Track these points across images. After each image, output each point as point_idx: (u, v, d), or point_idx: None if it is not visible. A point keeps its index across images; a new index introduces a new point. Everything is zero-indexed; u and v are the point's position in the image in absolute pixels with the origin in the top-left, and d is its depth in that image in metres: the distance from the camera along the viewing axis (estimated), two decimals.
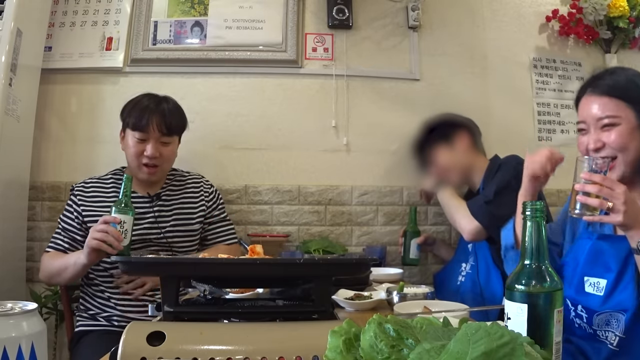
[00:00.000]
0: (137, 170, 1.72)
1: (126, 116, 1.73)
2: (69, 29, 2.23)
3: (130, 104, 1.75)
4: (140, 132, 1.69)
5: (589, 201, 1.10)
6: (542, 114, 2.38)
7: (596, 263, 1.21)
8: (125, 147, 1.75)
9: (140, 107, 1.71)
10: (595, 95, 1.24)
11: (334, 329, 0.61)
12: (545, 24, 2.43)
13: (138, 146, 1.70)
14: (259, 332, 0.79)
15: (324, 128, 2.26)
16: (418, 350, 0.54)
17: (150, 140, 1.70)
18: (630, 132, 1.19)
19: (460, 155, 1.94)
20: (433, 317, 0.66)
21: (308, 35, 2.30)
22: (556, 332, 0.73)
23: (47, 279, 1.72)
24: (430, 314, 1.15)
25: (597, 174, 1.11)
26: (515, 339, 0.54)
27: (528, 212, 0.78)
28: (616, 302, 1.15)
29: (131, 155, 1.71)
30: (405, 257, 2.09)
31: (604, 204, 1.09)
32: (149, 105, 1.71)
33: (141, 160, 1.70)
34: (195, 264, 0.96)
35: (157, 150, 1.70)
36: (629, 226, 1.09)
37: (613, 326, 1.15)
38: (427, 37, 2.35)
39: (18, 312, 0.66)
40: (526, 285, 0.75)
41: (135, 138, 1.70)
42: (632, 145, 1.19)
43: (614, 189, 1.08)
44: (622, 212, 1.07)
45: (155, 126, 1.69)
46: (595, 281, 1.19)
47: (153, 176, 1.74)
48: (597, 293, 1.19)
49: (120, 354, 0.73)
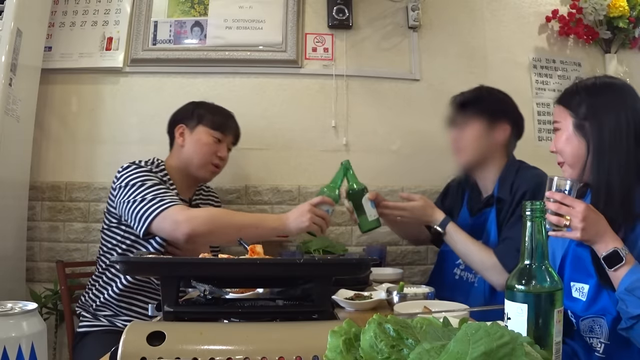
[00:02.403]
0: (201, 168, 1.78)
1: (204, 113, 1.79)
2: (69, 28, 2.23)
3: (206, 104, 1.84)
4: (222, 134, 1.79)
5: (550, 218, 1.15)
6: (541, 114, 2.38)
7: (579, 268, 1.23)
8: (193, 142, 1.77)
9: (222, 111, 1.84)
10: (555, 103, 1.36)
11: (334, 329, 0.61)
12: (545, 24, 2.44)
13: (214, 145, 1.78)
14: (259, 332, 0.79)
15: (324, 128, 2.26)
16: (418, 350, 0.54)
17: (224, 143, 1.81)
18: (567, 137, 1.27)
19: (491, 143, 1.73)
20: (433, 317, 0.66)
21: (308, 35, 2.30)
22: (556, 332, 0.73)
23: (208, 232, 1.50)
24: (430, 314, 1.14)
25: (558, 193, 1.17)
26: (515, 339, 0.54)
27: (528, 213, 0.78)
28: (599, 307, 1.17)
29: (204, 152, 1.76)
30: (363, 223, 1.70)
31: (561, 220, 1.14)
32: (230, 114, 1.87)
33: (212, 160, 1.78)
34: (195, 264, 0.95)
35: (226, 154, 1.83)
36: (590, 241, 1.13)
37: (597, 332, 1.17)
38: (427, 37, 2.35)
39: (18, 312, 0.66)
40: (526, 285, 0.75)
41: (213, 137, 1.77)
42: (567, 149, 1.27)
43: (573, 206, 1.13)
44: (579, 229, 1.11)
45: (233, 132, 1.84)
46: (580, 286, 1.22)
47: (213, 176, 1.84)
48: (581, 298, 1.21)
49: (120, 354, 0.73)
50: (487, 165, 1.76)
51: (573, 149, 1.26)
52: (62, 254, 2.10)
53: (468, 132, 1.75)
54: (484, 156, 1.75)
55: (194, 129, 1.77)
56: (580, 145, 1.25)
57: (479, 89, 1.83)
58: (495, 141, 1.74)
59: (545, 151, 2.22)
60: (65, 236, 2.12)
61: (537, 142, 2.34)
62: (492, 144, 1.74)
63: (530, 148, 1.93)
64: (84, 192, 2.13)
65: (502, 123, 1.74)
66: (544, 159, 1.83)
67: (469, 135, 1.75)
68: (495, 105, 1.77)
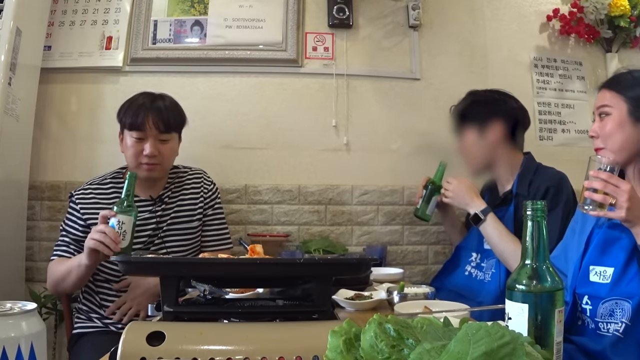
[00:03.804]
0: (137, 170, 1.67)
1: (122, 116, 1.69)
2: (68, 28, 2.22)
3: (126, 104, 1.71)
4: (137, 131, 1.64)
5: (594, 197, 1.16)
6: (542, 114, 2.37)
7: (604, 252, 1.24)
8: (124, 149, 1.70)
9: (135, 105, 1.67)
10: (602, 88, 1.33)
11: (334, 329, 0.61)
12: (546, 23, 2.43)
13: (136, 146, 1.65)
14: (259, 332, 0.79)
15: (324, 127, 2.26)
16: (418, 350, 0.54)
17: (148, 139, 1.65)
18: (618, 122, 1.26)
19: (487, 144, 1.79)
20: (434, 317, 0.67)
21: (308, 35, 2.29)
22: (557, 332, 0.73)
23: (53, 287, 1.65)
24: (431, 314, 1.15)
25: (604, 172, 1.17)
26: (516, 339, 0.54)
27: (529, 212, 0.78)
28: (623, 289, 1.17)
29: (130, 155, 1.66)
30: (420, 210, 1.94)
31: (607, 199, 1.15)
32: (144, 103, 1.67)
33: (140, 160, 1.65)
34: (195, 264, 0.96)
35: (155, 148, 1.65)
36: (632, 222, 1.14)
37: (617, 316, 1.17)
38: (428, 37, 2.34)
39: (17, 312, 0.66)
40: (527, 285, 0.75)
41: (133, 138, 1.65)
42: (617, 135, 1.26)
43: (619, 186, 1.14)
44: (624, 209, 1.12)
45: (152, 124, 1.64)
46: (601, 270, 1.23)
47: (153, 172, 1.68)
48: (603, 281, 1.21)
49: (120, 354, 0.73)
50: (498, 163, 1.82)
51: (625, 135, 1.25)
52: None
53: (465, 141, 1.85)
54: (487, 158, 1.81)
55: (122, 134, 1.71)
56: (634, 132, 1.25)
57: (467, 96, 1.90)
58: (491, 141, 1.79)
59: (546, 150, 2.26)
60: None
61: (538, 142, 2.33)
62: (489, 144, 1.79)
63: (532, 148, 1.91)
64: None
65: (491, 122, 1.80)
66: (545, 159, 1.87)
67: (467, 144, 1.85)
68: (482, 107, 1.84)
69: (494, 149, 1.79)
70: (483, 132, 1.80)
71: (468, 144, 1.84)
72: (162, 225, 1.72)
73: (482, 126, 1.80)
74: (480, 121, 1.81)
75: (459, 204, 1.81)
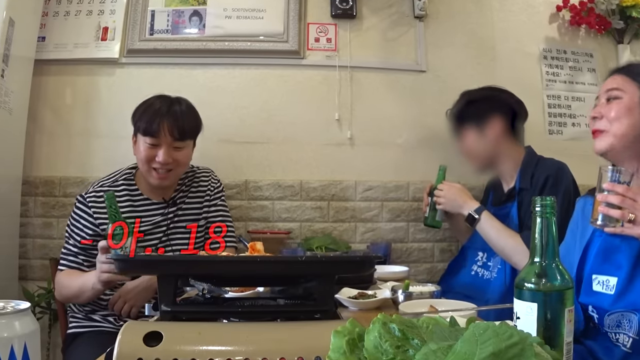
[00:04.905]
0: (148, 175, 1.66)
1: (137, 120, 1.66)
2: (63, 18, 2.19)
3: (142, 107, 1.68)
4: (152, 138, 1.61)
5: (611, 212, 1.10)
6: (552, 107, 2.33)
7: (606, 260, 1.20)
8: (136, 152, 1.68)
9: (151, 110, 1.64)
10: (614, 73, 1.32)
11: (337, 328, 0.61)
12: (555, 14, 2.38)
13: (149, 151, 1.62)
14: (259, 332, 0.79)
15: (327, 121, 2.22)
16: (424, 350, 0.54)
17: (162, 146, 1.62)
18: (628, 107, 1.23)
19: (489, 141, 1.82)
20: (439, 316, 0.66)
21: (310, 25, 2.25)
22: (567, 332, 0.71)
23: (65, 300, 1.69)
24: (437, 313, 1.14)
25: (620, 185, 1.12)
26: (524, 339, 0.53)
27: (538, 209, 0.76)
28: (628, 301, 1.13)
29: (142, 159, 1.64)
30: (430, 219, 1.94)
31: (625, 215, 1.09)
32: (160, 109, 1.63)
33: (152, 165, 1.63)
34: (194, 262, 0.96)
35: (169, 156, 1.62)
36: None
37: (624, 327, 1.14)
38: (434, 27, 2.30)
39: (10, 311, 0.65)
40: (536, 284, 0.73)
41: (147, 143, 1.62)
42: (625, 119, 1.23)
43: (637, 200, 1.09)
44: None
45: (167, 131, 1.61)
46: (604, 279, 1.19)
47: (165, 181, 1.67)
48: (606, 292, 1.18)
49: (116, 354, 0.72)
50: (501, 159, 1.84)
51: (633, 120, 1.23)
52: (55, 251, 2.04)
53: (466, 142, 1.88)
54: (490, 155, 1.83)
55: (136, 137, 1.69)
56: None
57: (461, 97, 1.92)
58: (491, 138, 1.81)
59: (555, 144, 2.22)
60: (59, 233, 2.08)
61: (547, 136, 2.30)
62: (490, 141, 1.82)
63: (541, 141, 1.90)
64: (78, 187, 2.09)
65: (489, 119, 1.82)
66: (555, 152, 1.87)
67: (468, 145, 1.87)
68: (478, 106, 1.85)
69: (496, 145, 1.82)
70: (482, 130, 1.82)
71: (469, 144, 1.86)
72: (172, 227, 1.72)
73: (481, 124, 1.82)
74: (478, 120, 1.83)
75: (452, 208, 1.84)
